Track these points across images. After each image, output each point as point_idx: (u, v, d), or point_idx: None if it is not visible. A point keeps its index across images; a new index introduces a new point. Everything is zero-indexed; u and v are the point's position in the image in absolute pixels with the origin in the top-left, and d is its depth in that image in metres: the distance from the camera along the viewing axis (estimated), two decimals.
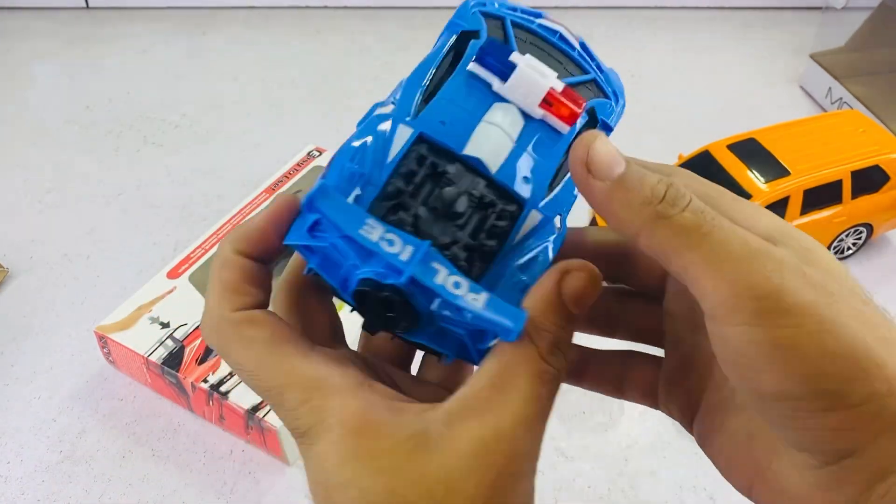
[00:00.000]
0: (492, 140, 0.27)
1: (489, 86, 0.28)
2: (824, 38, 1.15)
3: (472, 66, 0.28)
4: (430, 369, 0.32)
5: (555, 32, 0.31)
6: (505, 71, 0.28)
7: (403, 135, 0.27)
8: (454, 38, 0.30)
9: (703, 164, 0.83)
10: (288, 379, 0.25)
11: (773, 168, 0.80)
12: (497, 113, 0.28)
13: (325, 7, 1.36)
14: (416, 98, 0.28)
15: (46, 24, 1.32)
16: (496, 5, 0.31)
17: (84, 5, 1.35)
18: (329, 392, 0.25)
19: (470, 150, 0.27)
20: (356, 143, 0.27)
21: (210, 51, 1.25)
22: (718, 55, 1.24)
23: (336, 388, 0.25)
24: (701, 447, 0.30)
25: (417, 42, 1.27)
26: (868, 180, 0.82)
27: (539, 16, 0.32)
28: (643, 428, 0.71)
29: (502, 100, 0.28)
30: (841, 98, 1.07)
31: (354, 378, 0.25)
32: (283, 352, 0.26)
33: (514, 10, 0.31)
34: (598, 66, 0.32)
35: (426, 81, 0.29)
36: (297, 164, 0.90)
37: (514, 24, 0.31)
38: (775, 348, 0.22)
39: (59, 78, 1.20)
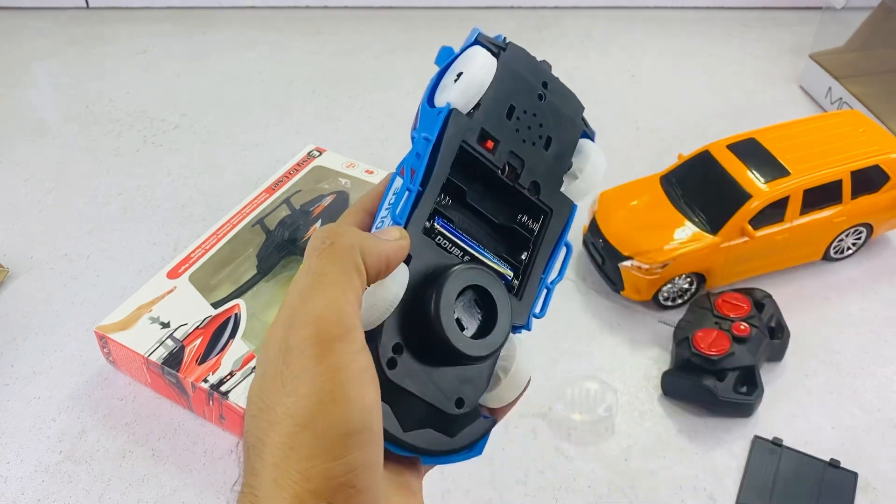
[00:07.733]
0: None
1: None
2: (824, 38, 1.15)
3: None
4: None
5: None
6: None
7: None
8: None
9: (703, 164, 0.83)
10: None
11: (772, 168, 0.80)
12: None
13: (325, 7, 1.36)
14: None
15: (46, 24, 1.32)
16: None
17: (84, 5, 1.35)
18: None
19: None
20: None
21: (210, 51, 1.25)
22: (718, 55, 1.24)
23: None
24: None
25: (417, 42, 1.27)
26: (868, 180, 0.82)
27: None
28: (643, 428, 0.71)
29: None
30: (841, 98, 1.07)
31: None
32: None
33: None
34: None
35: None
36: (297, 164, 0.90)
37: None
38: None
39: (59, 78, 1.20)
